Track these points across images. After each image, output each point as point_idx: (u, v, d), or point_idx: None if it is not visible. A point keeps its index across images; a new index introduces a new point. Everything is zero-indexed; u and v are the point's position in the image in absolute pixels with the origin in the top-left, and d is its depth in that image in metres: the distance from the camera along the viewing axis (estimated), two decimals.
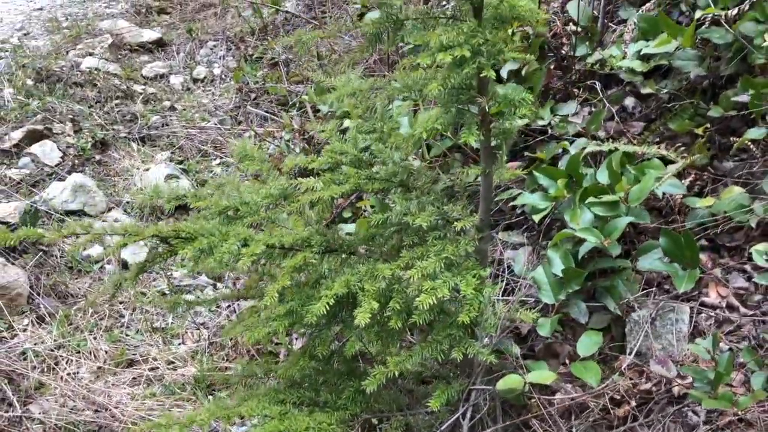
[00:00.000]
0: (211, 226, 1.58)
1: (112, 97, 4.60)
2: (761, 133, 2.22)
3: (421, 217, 1.59)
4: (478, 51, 1.40)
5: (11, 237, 1.42)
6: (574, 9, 2.75)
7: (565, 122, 2.45)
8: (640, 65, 2.48)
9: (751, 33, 2.36)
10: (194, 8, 6.39)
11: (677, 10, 2.69)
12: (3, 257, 3.08)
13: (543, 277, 2.09)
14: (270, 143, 4.12)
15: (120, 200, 3.75)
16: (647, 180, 2.12)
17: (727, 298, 2.18)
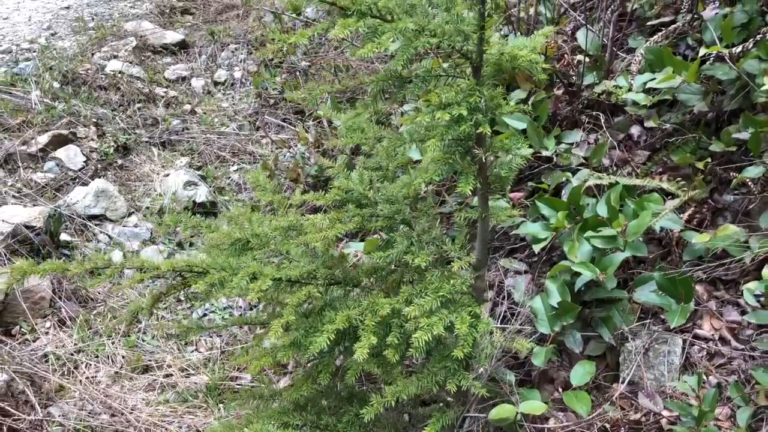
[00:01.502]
0: (222, 260, 1.68)
1: (135, 101, 4.73)
2: (759, 172, 2.28)
3: (421, 256, 1.68)
4: (475, 108, 1.49)
5: (38, 270, 1.53)
6: (583, 37, 2.81)
7: (569, 153, 2.52)
8: (644, 98, 2.54)
9: (755, 71, 2.41)
10: (217, 9, 6.51)
11: (684, 42, 2.74)
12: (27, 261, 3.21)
13: (540, 307, 2.18)
14: (286, 152, 4.22)
15: (140, 205, 3.88)
16: (645, 216, 2.19)
17: (720, 331, 2.25)
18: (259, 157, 4.40)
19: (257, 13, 6.08)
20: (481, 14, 1.46)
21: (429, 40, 1.42)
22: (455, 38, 1.47)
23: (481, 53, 1.50)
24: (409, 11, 1.58)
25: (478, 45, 1.49)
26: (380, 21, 1.41)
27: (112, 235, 3.62)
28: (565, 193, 2.54)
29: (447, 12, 1.55)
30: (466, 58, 1.51)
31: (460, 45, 1.47)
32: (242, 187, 4.16)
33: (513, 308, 2.35)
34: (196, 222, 1.92)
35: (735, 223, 2.44)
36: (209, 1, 6.59)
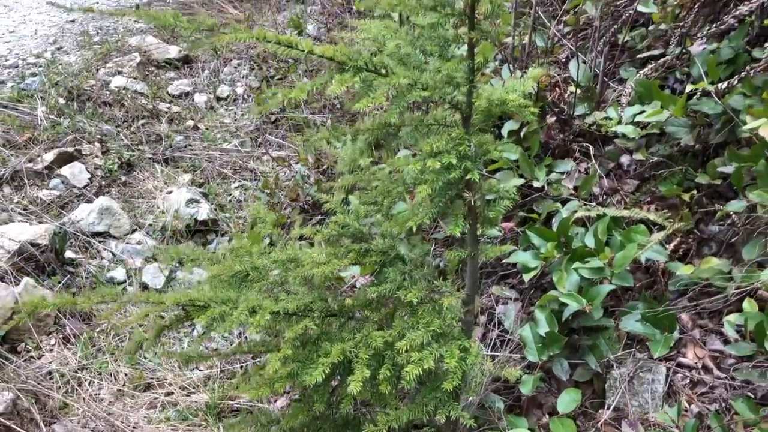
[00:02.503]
0: (223, 293, 1.77)
1: (139, 117, 4.82)
2: (741, 206, 2.36)
3: (413, 292, 1.76)
4: (465, 156, 1.57)
5: (48, 305, 1.61)
6: (574, 68, 2.89)
7: (560, 184, 2.61)
8: (633, 131, 2.62)
9: (739, 107, 2.50)
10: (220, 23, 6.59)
11: (673, 76, 2.83)
12: (33, 278, 3.30)
13: (529, 336, 2.26)
14: (286, 170, 4.31)
15: (143, 222, 3.97)
16: (631, 248, 2.28)
17: (704, 359, 2.33)
18: (260, 174, 4.48)
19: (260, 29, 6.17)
20: (470, 68, 1.55)
21: (421, 93, 1.51)
22: (446, 90, 1.56)
23: (470, 104, 1.59)
24: (404, 59, 1.67)
25: (467, 96, 1.58)
26: (375, 75, 1.49)
27: (115, 252, 3.70)
28: (556, 222, 2.62)
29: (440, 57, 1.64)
30: (456, 109, 1.59)
31: (450, 97, 1.56)
32: (243, 205, 4.24)
33: (503, 335, 2.43)
34: (198, 254, 2.00)
35: (720, 254, 2.53)
36: (212, 16, 6.68)
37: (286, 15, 6.46)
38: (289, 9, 6.58)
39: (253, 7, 6.80)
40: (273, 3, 6.77)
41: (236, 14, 6.64)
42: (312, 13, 6.23)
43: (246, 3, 6.90)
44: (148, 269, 3.63)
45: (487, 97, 1.63)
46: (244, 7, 6.80)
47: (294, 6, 6.56)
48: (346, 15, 5.66)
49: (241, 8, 6.76)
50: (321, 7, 6.18)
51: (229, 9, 6.75)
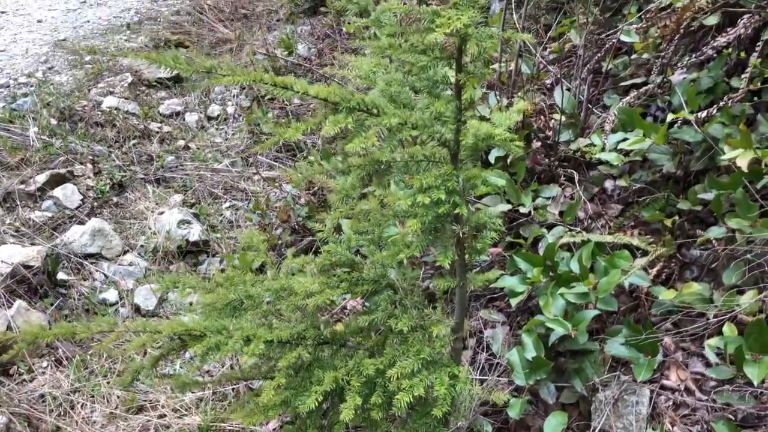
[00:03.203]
0: (218, 323, 1.81)
1: (130, 137, 4.86)
2: (721, 232, 2.44)
3: (403, 321, 1.81)
4: (453, 191, 1.63)
5: (48, 335, 1.65)
6: (559, 95, 2.97)
7: (545, 210, 2.67)
8: (616, 158, 2.70)
9: (719, 135, 2.58)
10: (210, 43, 6.66)
11: (655, 104, 2.91)
12: (25, 301, 3.32)
13: (517, 360, 2.32)
14: (277, 191, 4.36)
15: (135, 243, 4.00)
16: (614, 274, 2.34)
17: (686, 382, 2.39)
18: (251, 194, 4.53)
19: (250, 48, 6.23)
20: (458, 108, 1.61)
21: (411, 132, 1.57)
22: (434, 129, 1.62)
23: (458, 142, 1.65)
24: (394, 97, 1.73)
25: (455, 134, 1.64)
26: (367, 115, 1.55)
27: (107, 273, 3.73)
28: (542, 247, 2.68)
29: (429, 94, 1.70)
30: (445, 146, 1.65)
31: (439, 135, 1.62)
32: (234, 225, 4.28)
33: (491, 359, 2.48)
34: (194, 282, 2.04)
35: (701, 278, 2.60)
36: (203, 35, 6.75)
37: (276, 35, 6.53)
38: (280, 29, 6.65)
39: (244, 27, 6.86)
40: (263, 22, 6.84)
41: (227, 33, 6.71)
42: (302, 34, 6.30)
43: (236, 22, 6.96)
44: (140, 290, 3.65)
45: (474, 134, 1.69)
46: (235, 26, 6.87)
47: (284, 26, 6.64)
48: (336, 36, 5.74)
49: (232, 27, 6.83)
50: (311, 27, 6.26)
51: (220, 28, 6.82)
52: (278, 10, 7.13)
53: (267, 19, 6.97)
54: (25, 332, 1.67)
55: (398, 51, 1.59)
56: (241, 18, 7.09)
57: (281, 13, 7.05)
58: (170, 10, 7.30)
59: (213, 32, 6.78)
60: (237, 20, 7.03)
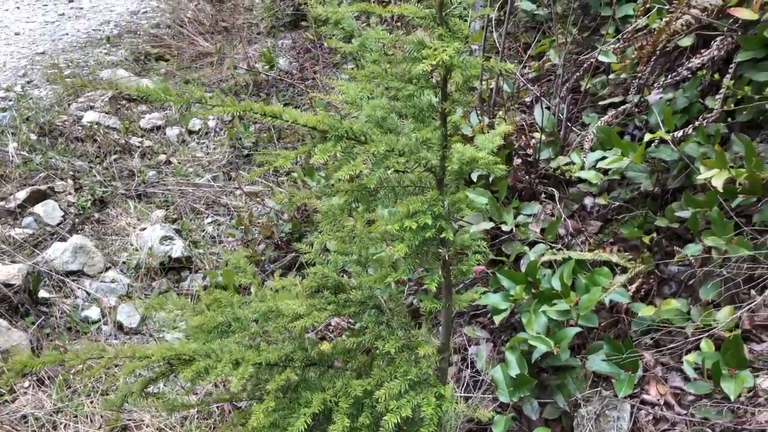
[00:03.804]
0: (207, 346, 1.83)
1: (111, 152, 4.84)
2: (698, 250, 2.50)
3: (390, 343, 1.84)
4: (439, 216, 1.67)
5: (37, 363, 1.66)
6: (539, 114, 3.03)
7: (527, 227, 2.72)
8: (595, 177, 2.76)
9: (694, 154, 2.65)
10: (191, 56, 6.66)
11: (632, 123, 2.98)
12: (6, 320, 3.30)
13: (501, 377, 2.36)
14: (259, 206, 4.37)
15: (117, 260, 3.98)
16: (595, 291, 2.40)
17: (665, 396, 2.44)
18: (233, 209, 4.53)
19: (231, 61, 6.25)
20: (443, 135, 1.65)
21: (398, 159, 1.60)
22: (421, 155, 1.66)
23: (443, 168, 1.69)
24: (380, 123, 1.76)
25: (441, 161, 1.68)
26: (355, 143, 1.58)
27: (89, 291, 3.72)
28: (524, 264, 2.73)
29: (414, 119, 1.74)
30: (431, 172, 1.69)
31: (425, 161, 1.66)
32: (217, 240, 4.28)
33: (475, 376, 2.52)
34: (182, 304, 2.06)
35: (679, 293, 2.66)
36: (183, 48, 6.75)
37: (257, 48, 6.55)
38: (260, 42, 6.67)
39: (224, 40, 6.87)
40: (244, 36, 6.86)
41: (207, 47, 6.71)
42: (283, 47, 6.33)
43: (217, 35, 6.97)
44: (123, 308, 3.64)
45: (458, 159, 1.73)
46: (215, 39, 6.88)
47: (265, 39, 6.66)
48: (318, 51, 5.77)
49: (212, 41, 6.84)
50: (292, 41, 6.29)
51: (201, 41, 6.82)
52: (258, 24, 7.15)
53: (248, 32, 6.99)
54: (14, 361, 1.67)
55: (385, 79, 1.63)
56: (222, 31, 7.09)
57: (262, 26, 7.07)
58: (150, 23, 7.29)
59: (193, 45, 6.78)
60: (217, 33, 7.04)
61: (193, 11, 7.44)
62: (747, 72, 2.61)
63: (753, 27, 2.60)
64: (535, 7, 3.57)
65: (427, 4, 1.54)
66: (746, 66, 2.62)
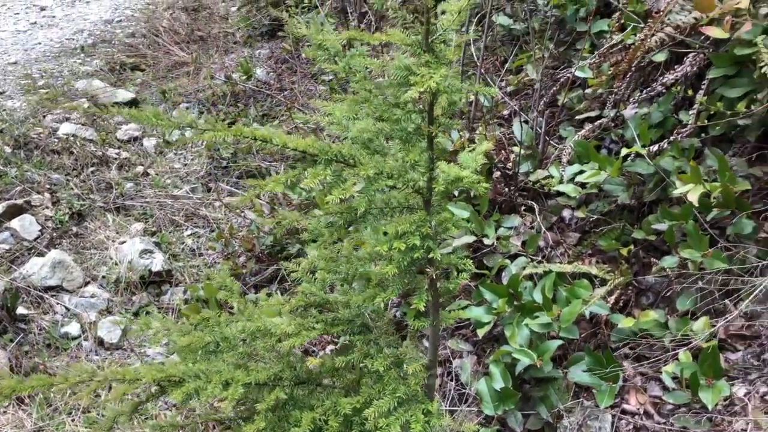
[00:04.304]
0: (196, 367, 1.84)
1: (88, 165, 4.80)
2: (674, 262, 2.57)
3: (379, 361, 1.87)
4: (426, 236, 1.70)
5: (26, 387, 1.65)
6: (518, 130, 3.08)
7: (508, 241, 2.77)
8: (574, 190, 2.81)
9: (670, 167, 2.72)
10: (167, 66, 6.62)
11: (609, 137, 3.05)
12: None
13: (485, 390, 2.39)
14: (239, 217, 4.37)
15: (96, 274, 3.95)
16: (576, 304, 2.45)
17: (645, 405, 2.50)
18: (212, 221, 4.52)
19: (208, 71, 6.23)
20: (430, 158, 1.69)
21: (386, 181, 1.63)
22: (408, 176, 1.69)
23: (430, 189, 1.72)
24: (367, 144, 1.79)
25: (428, 183, 1.71)
26: (344, 166, 1.61)
27: (68, 306, 3.68)
28: (506, 276, 2.78)
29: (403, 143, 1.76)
30: (419, 194, 1.72)
31: (413, 183, 1.69)
32: (196, 253, 4.27)
33: (460, 389, 2.55)
34: (169, 324, 2.06)
35: (656, 304, 2.73)
36: (159, 58, 6.71)
37: (234, 58, 6.54)
38: (237, 52, 6.66)
39: (200, 49, 6.85)
40: (220, 45, 6.85)
41: (183, 56, 6.69)
42: (260, 57, 6.33)
43: (193, 45, 6.95)
44: (104, 323, 3.62)
45: (444, 180, 1.76)
46: (191, 48, 6.85)
47: (242, 49, 6.65)
48: (295, 61, 5.79)
49: (188, 50, 6.81)
50: (269, 51, 6.29)
51: (176, 51, 6.79)
52: (235, 33, 7.14)
53: (224, 41, 6.97)
54: (1, 386, 1.66)
55: (372, 104, 1.66)
56: (198, 40, 7.07)
57: (238, 35, 7.06)
58: (125, 33, 7.24)
59: (169, 55, 6.74)
60: (193, 42, 7.01)
61: (168, 20, 7.40)
62: (719, 88, 2.68)
63: (723, 44, 2.68)
64: (512, 22, 3.63)
65: (414, 31, 1.57)
66: (718, 82, 2.69)
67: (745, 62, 2.60)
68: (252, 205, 4.52)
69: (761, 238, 2.52)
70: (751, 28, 2.49)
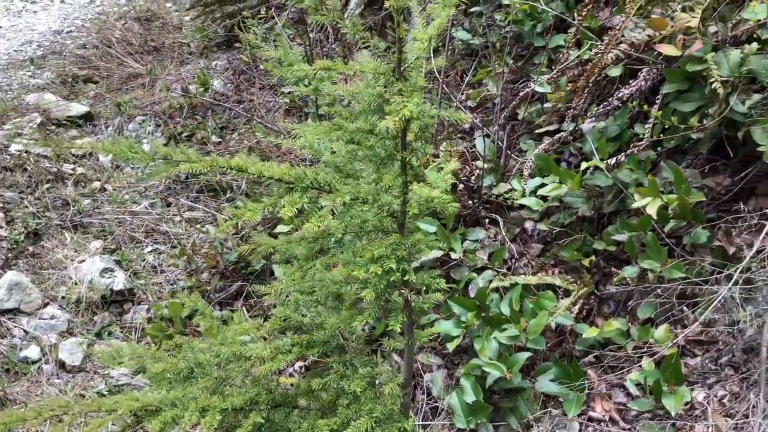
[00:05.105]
0: (172, 394, 1.83)
1: (43, 181, 4.69)
2: (634, 272, 2.66)
3: (355, 382, 1.89)
4: (402, 258, 1.73)
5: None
6: (481, 145, 3.14)
7: (474, 254, 2.82)
8: (536, 203, 2.88)
9: (627, 179, 2.81)
10: (121, 78, 6.51)
11: (568, 150, 3.13)
12: None
13: (457, 404, 2.44)
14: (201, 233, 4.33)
15: (55, 295, 3.87)
16: (542, 316, 2.51)
17: (610, 412, 2.58)
18: (173, 236, 4.47)
19: (164, 83, 6.15)
20: (404, 182, 1.72)
21: (362, 207, 1.66)
22: (383, 201, 1.72)
23: (404, 212, 1.75)
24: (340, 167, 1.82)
25: (402, 206, 1.74)
26: (319, 192, 1.63)
27: (27, 329, 3.60)
28: (472, 289, 2.83)
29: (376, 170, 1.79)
30: (393, 217, 1.75)
31: (388, 207, 1.72)
32: (158, 270, 4.21)
33: (432, 402, 2.59)
34: (140, 351, 2.04)
35: (617, 312, 2.81)
36: (112, 70, 6.59)
37: (190, 69, 6.47)
38: (193, 63, 6.59)
39: (155, 60, 6.75)
40: (175, 56, 6.76)
41: (137, 68, 6.58)
42: (217, 68, 6.28)
43: (147, 56, 6.84)
44: (65, 345, 3.55)
45: (417, 201, 1.80)
46: (146, 60, 6.74)
47: (198, 60, 6.58)
48: (253, 72, 5.76)
49: (143, 61, 6.70)
50: (227, 62, 6.25)
51: (130, 62, 6.68)
52: (190, 44, 7.06)
53: (179, 52, 6.89)
54: None
55: (347, 132, 1.68)
56: (152, 51, 6.97)
57: (193, 46, 6.98)
58: (76, 44, 7.09)
59: (123, 66, 6.62)
60: (147, 53, 6.90)
61: (120, 30, 7.28)
62: (672, 102, 2.78)
63: (676, 61, 2.79)
64: (471, 37, 3.69)
65: (388, 60, 1.60)
66: (672, 97, 2.80)
67: (696, 78, 2.70)
68: (214, 220, 4.49)
69: (715, 246, 2.63)
70: (702, 46, 2.60)
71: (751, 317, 2.37)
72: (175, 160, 1.56)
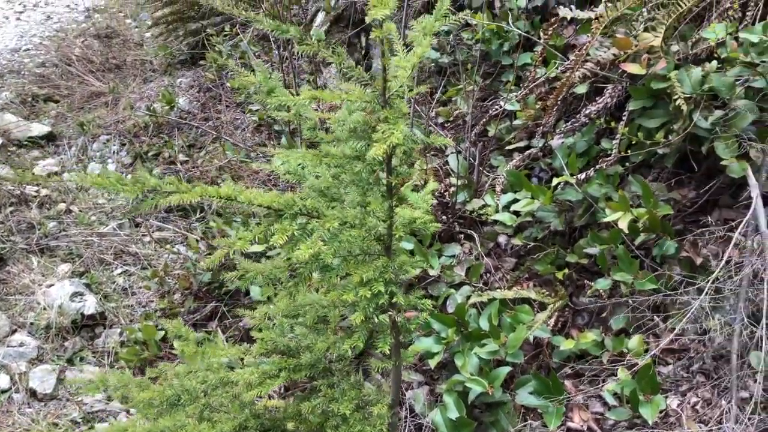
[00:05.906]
0: (162, 424, 1.82)
1: (6, 204, 4.60)
2: (607, 284, 2.73)
3: (344, 404, 1.91)
4: (390, 281, 1.76)
5: None
6: (454, 162, 3.20)
7: (452, 270, 2.87)
8: (509, 219, 2.95)
9: (597, 194, 2.90)
10: (83, 96, 6.41)
11: (538, 166, 3.21)
12: None
13: (440, 420, 2.47)
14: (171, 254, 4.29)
15: (23, 321, 3.79)
16: (520, 330, 2.57)
17: (588, 422, 2.64)
18: (143, 257, 4.42)
19: (127, 101, 6.08)
20: (389, 206, 1.75)
21: (350, 232, 1.68)
22: (369, 225, 1.75)
23: (390, 235, 1.79)
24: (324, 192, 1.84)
25: (388, 229, 1.77)
26: (308, 219, 1.65)
27: None
28: (450, 305, 2.87)
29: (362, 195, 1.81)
30: (379, 241, 1.78)
31: (374, 231, 1.75)
32: (129, 292, 4.16)
33: (415, 420, 2.62)
34: (125, 380, 2.03)
35: (591, 323, 2.89)
36: (74, 88, 6.49)
37: (153, 87, 6.41)
38: (157, 81, 6.53)
39: (117, 78, 6.67)
40: (138, 74, 6.70)
41: (100, 86, 6.49)
42: (182, 86, 6.24)
43: (109, 74, 6.76)
44: (35, 372, 3.48)
45: (401, 223, 1.83)
46: (108, 78, 6.66)
47: (162, 78, 6.53)
48: (219, 89, 5.74)
49: (105, 79, 6.62)
50: (192, 79, 6.21)
51: (92, 80, 6.59)
52: (152, 61, 6.99)
53: (141, 69, 6.82)
54: None
55: (334, 158, 1.71)
56: (113, 69, 6.88)
57: (156, 63, 6.92)
58: (35, 62, 6.96)
59: (84, 85, 6.53)
60: (109, 71, 6.82)
61: (80, 48, 7.18)
62: (638, 119, 2.88)
63: (640, 79, 2.88)
64: (440, 55, 3.76)
65: (373, 88, 1.64)
66: (637, 113, 2.89)
67: (660, 95, 2.80)
68: (185, 240, 4.45)
69: (683, 257, 2.72)
70: (666, 65, 2.70)
71: (720, 326, 2.46)
72: (165, 191, 1.57)
